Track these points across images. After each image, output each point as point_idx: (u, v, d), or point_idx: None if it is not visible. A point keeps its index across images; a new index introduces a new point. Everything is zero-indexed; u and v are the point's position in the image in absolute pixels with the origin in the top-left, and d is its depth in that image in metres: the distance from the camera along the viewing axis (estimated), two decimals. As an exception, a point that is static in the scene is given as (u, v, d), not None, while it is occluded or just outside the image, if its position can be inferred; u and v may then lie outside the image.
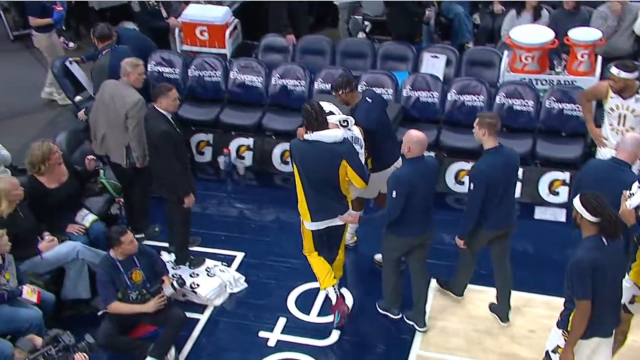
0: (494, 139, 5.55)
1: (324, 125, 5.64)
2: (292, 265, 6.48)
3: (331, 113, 5.86)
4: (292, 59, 8.21)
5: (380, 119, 6.21)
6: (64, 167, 6.21)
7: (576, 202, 4.54)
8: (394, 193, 5.51)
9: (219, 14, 8.31)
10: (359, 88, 7.14)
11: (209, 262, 6.48)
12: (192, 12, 8.36)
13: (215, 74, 7.93)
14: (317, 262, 5.95)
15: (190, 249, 6.51)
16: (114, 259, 5.62)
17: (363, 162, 5.84)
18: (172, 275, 6.11)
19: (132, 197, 6.67)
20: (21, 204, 5.85)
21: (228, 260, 6.57)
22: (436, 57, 7.84)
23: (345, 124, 5.87)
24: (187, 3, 8.69)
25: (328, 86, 7.69)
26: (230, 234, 6.87)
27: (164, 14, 8.35)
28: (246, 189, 6.97)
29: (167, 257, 6.46)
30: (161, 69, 8.05)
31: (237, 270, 6.47)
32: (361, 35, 8.93)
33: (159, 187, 6.29)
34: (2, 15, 10.12)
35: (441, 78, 7.62)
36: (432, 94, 7.44)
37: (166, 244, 6.57)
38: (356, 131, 5.96)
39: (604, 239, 4.46)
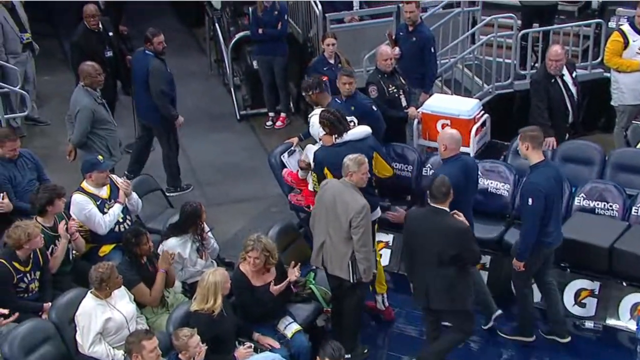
0: (539, 153, 6.37)
1: (348, 126, 6.98)
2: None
3: None
4: (549, 166, 7.92)
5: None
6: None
7: None
8: None
9: (467, 107, 8.33)
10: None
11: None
12: (435, 103, 8.44)
13: (453, 175, 7.90)
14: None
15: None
16: (314, 379, 5.59)
17: None
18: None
19: (344, 311, 6.65)
20: (225, 301, 6.06)
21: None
22: None
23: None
24: (429, 93, 8.85)
25: (592, 203, 7.40)
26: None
27: (403, 103, 8.51)
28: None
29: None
30: (392, 164, 8.15)
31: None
32: (642, 145, 8.44)
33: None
34: (233, 93, 10.97)
35: None
36: None
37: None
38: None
39: None
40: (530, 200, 6.30)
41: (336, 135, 6.88)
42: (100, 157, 7.18)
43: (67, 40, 10.35)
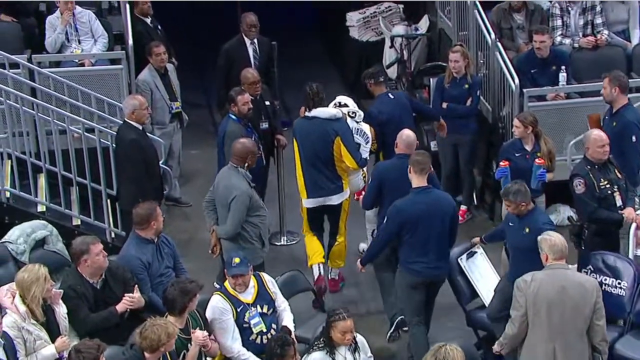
0: (420, 179, 7.65)
1: (319, 105, 8.66)
2: None
3: (345, 105, 8.89)
4: None
5: (392, 115, 9.13)
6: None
7: None
8: (370, 179, 8.46)
9: None
10: None
11: None
12: (659, 205, 8.15)
13: (681, 297, 7.62)
14: (310, 240, 8.94)
15: None
16: None
17: (364, 156, 8.81)
18: None
19: None
20: None
21: None
22: None
23: (353, 115, 8.84)
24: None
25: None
26: None
27: (618, 202, 8.22)
28: None
29: None
30: (599, 277, 7.87)
31: None
32: None
33: None
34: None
35: None
36: None
37: None
38: (365, 127, 8.94)
39: None
40: (384, 219, 7.79)
41: (307, 109, 8.69)
42: (242, 254, 7.22)
43: (219, 110, 10.77)
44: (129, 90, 9.98)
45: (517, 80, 9.72)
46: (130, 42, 10.14)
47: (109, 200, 9.38)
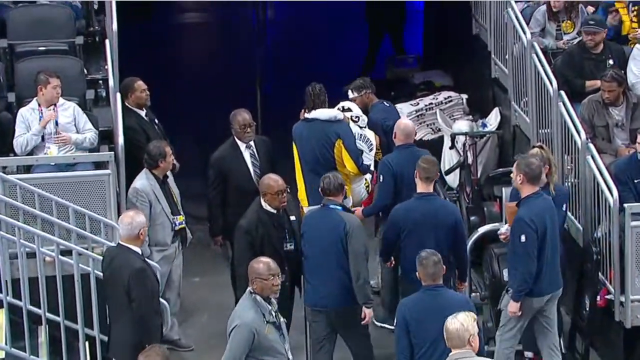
0: (425, 185, 9.12)
1: (320, 106, 10.09)
2: None
3: (349, 110, 10.39)
4: None
5: (396, 121, 10.45)
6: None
7: None
8: (382, 177, 9.88)
9: None
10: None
11: None
12: None
13: None
14: None
15: None
16: None
17: (369, 164, 10.32)
18: None
19: None
20: None
21: None
22: None
23: (357, 119, 10.35)
24: None
25: None
26: None
27: None
28: None
29: None
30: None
31: None
32: None
33: None
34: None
35: None
36: None
37: None
38: (369, 133, 10.45)
39: None
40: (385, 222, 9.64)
41: (306, 110, 10.10)
42: None
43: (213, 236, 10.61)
44: (117, 202, 9.61)
45: (615, 193, 9.43)
46: (121, 141, 9.74)
47: (87, 343, 9.09)
